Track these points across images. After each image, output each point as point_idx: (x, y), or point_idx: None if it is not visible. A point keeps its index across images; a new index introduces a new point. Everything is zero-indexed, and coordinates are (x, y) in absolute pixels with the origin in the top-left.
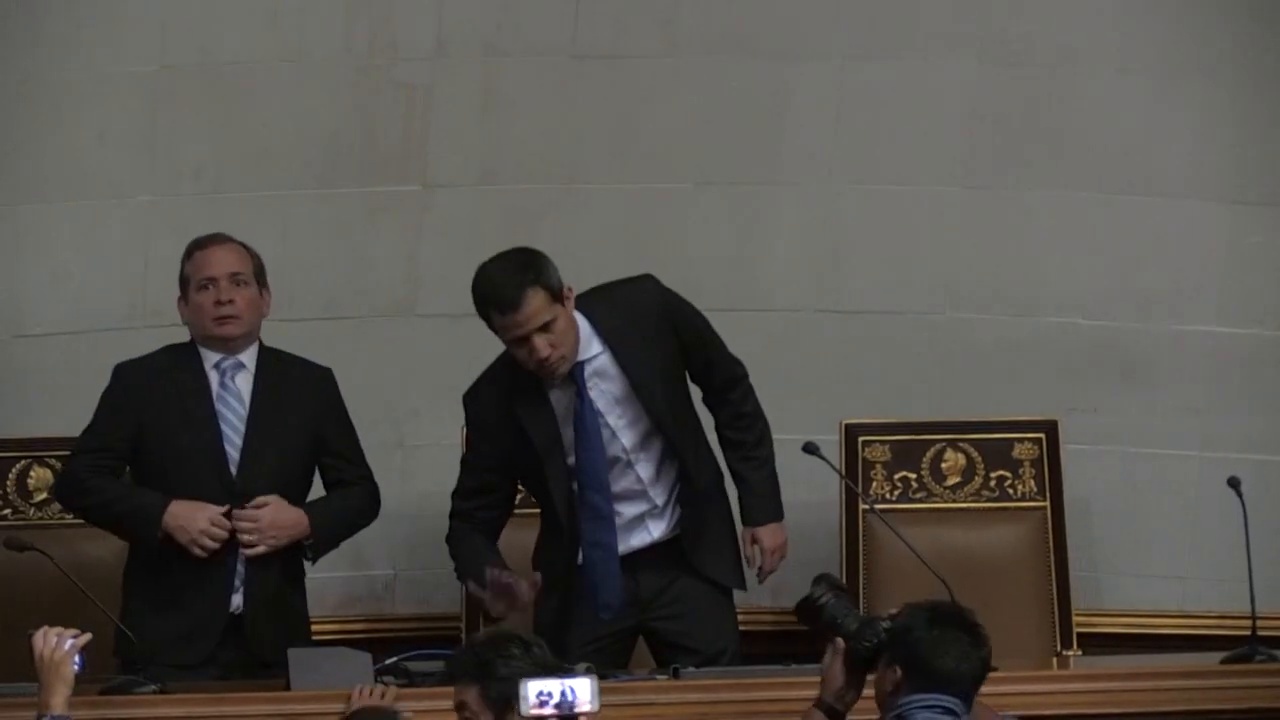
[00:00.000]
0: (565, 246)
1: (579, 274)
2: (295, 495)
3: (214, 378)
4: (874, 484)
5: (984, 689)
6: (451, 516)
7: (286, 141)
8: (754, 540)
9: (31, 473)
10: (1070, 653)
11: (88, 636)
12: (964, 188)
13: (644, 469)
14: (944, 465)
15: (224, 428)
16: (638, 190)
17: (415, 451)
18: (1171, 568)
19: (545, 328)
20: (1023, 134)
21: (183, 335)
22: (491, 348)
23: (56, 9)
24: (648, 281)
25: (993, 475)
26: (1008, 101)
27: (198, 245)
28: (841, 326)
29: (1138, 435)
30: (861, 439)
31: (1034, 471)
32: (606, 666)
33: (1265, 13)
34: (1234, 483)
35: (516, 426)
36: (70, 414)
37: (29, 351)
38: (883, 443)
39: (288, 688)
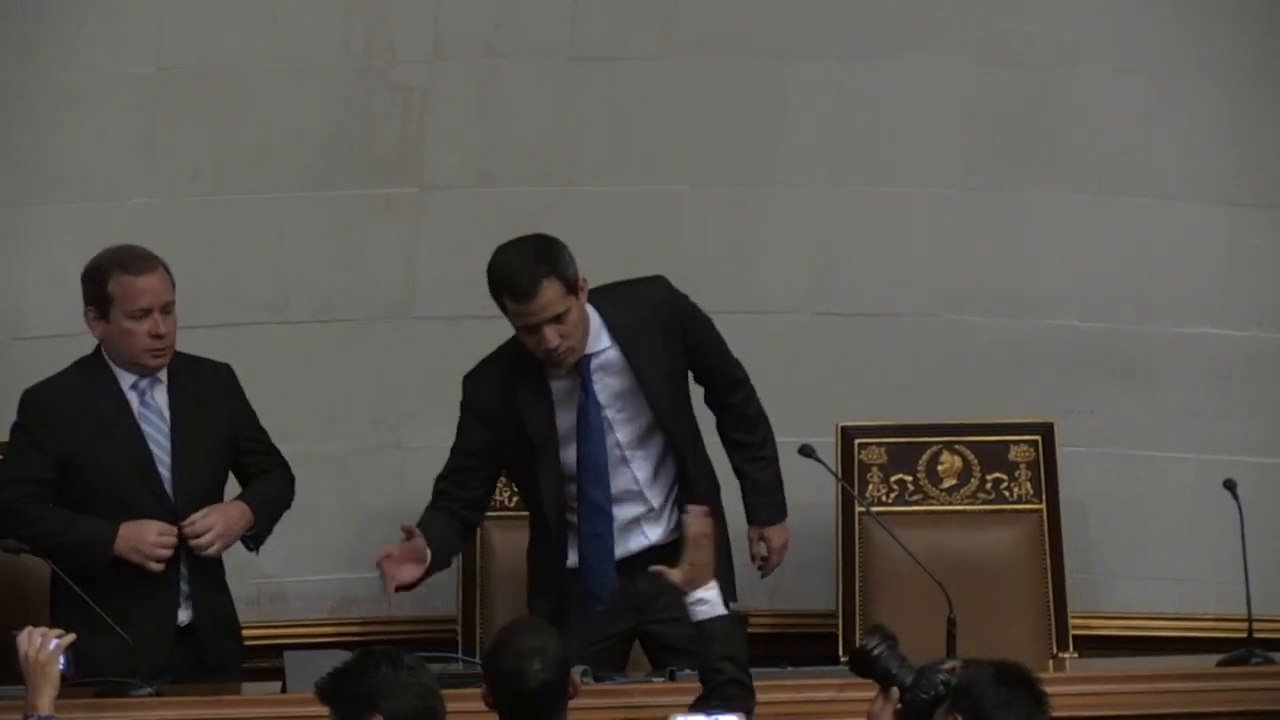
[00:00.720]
0: None
1: None
2: (221, 496)
3: (133, 398)
4: (870, 486)
5: None
6: (435, 484)
7: (284, 143)
8: (762, 538)
9: None
10: (1067, 655)
11: (71, 637)
12: (961, 190)
13: (640, 468)
14: (940, 468)
15: (151, 446)
16: (635, 192)
17: (412, 454)
18: (1168, 570)
19: (557, 319)
20: (1020, 136)
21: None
22: (489, 349)
23: (54, 10)
24: (660, 282)
25: (989, 478)
26: (1005, 103)
27: (123, 268)
28: (838, 329)
29: (1135, 437)
30: (858, 441)
31: (1030, 474)
32: (603, 669)
33: (1264, 13)
34: (1230, 485)
35: (514, 413)
36: None
37: (27, 353)
38: (879, 445)
39: (284, 690)
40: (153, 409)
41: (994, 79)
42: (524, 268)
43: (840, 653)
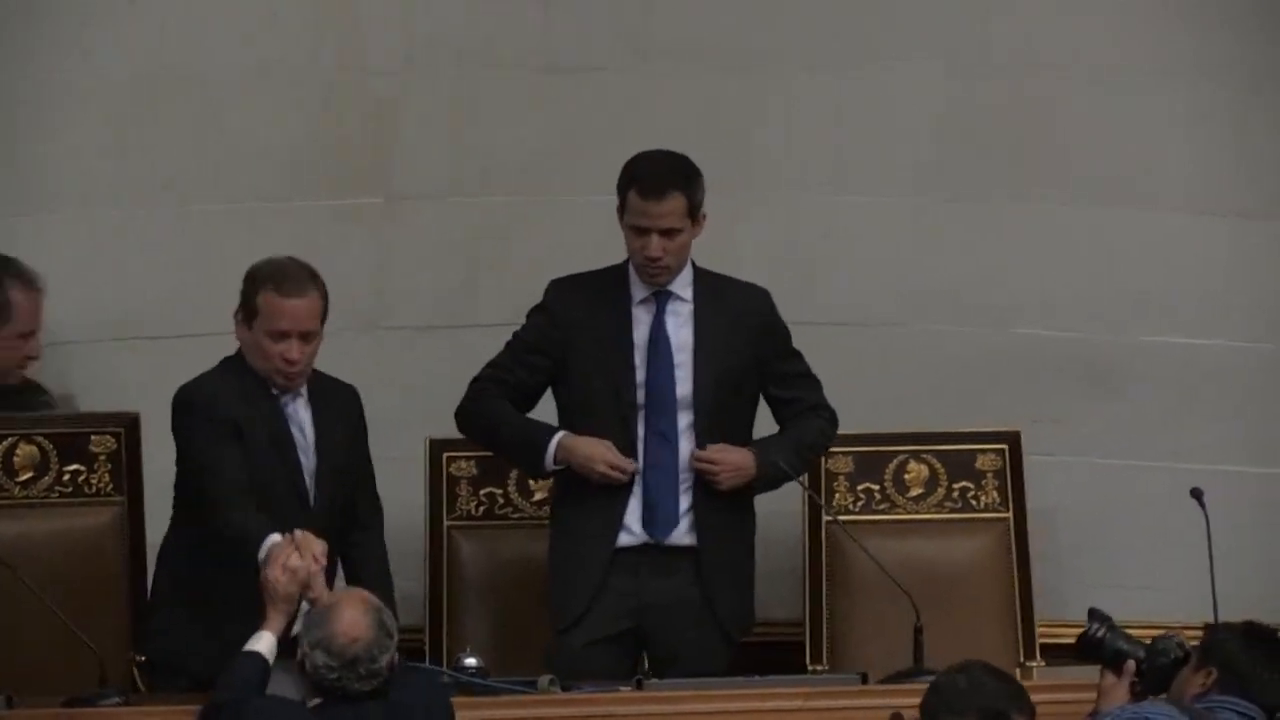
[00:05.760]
0: (534, 258)
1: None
2: (349, 514)
3: (281, 404)
4: (837, 495)
5: None
6: (476, 379)
7: (255, 153)
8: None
9: (18, 450)
10: (1033, 664)
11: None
12: (930, 199)
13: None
14: (907, 476)
15: (300, 456)
16: (607, 202)
17: (381, 465)
18: (1135, 578)
19: (669, 233)
20: (990, 145)
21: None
22: (460, 362)
23: (25, 22)
24: (764, 290)
25: (955, 486)
26: (975, 112)
27: (277, 286)
28: (808, 337)
29: (1103, 446)
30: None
31: (997, 483)
32: (606, 668)
33: (1242, 21)
34: (1196, 494)
35: (594, 324)
36: None
37: None
38: (846, 454)
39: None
40: (297, 422)
41: (964, 88)
42: (662, 171)
43: (807, 662)
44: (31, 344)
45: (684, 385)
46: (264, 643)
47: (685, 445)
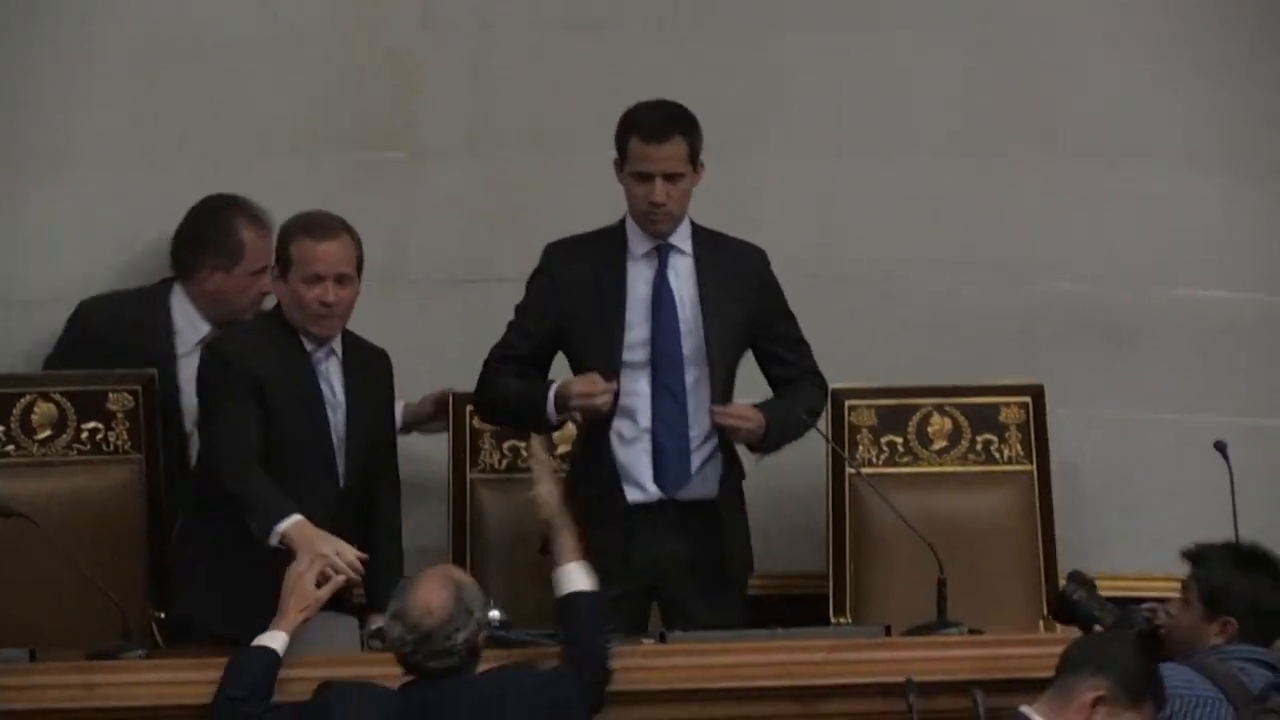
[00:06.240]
0: (554, 216)
1: None
2: (380, 478)
3: (314, 366)
4: (860, 448)
5: (973, 651)
6: (484, 364)
7: (274, 110)
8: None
9: (35, 408)
10: None
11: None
12: (953, 156)
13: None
14: (930, 429)
15: (329, 413)
16: None
17: None
18: (1157, 532)
19: (671, 178)
20: (1013, 102)
21: None
22: (480, 317)
23: None
24: (761, 249)
25: (979, 439)
26: (999, 70)
27: (307, 232)
28: (831, 292)
29: (1126, 399)
30: (848, 403)
31: (1020, 436)
32: (619, 622)
33: None
34: (1220, 446)
35: (595, 282)
36: None
37: (17, 319)
38: (869, 407)
39: None
40: (326, 380)
41: (988, 46)
42: (663, 114)
43: (830, 614)
44: (264, 280)
45: (690, 340)
46: (278, 640)
47: (693, 401)
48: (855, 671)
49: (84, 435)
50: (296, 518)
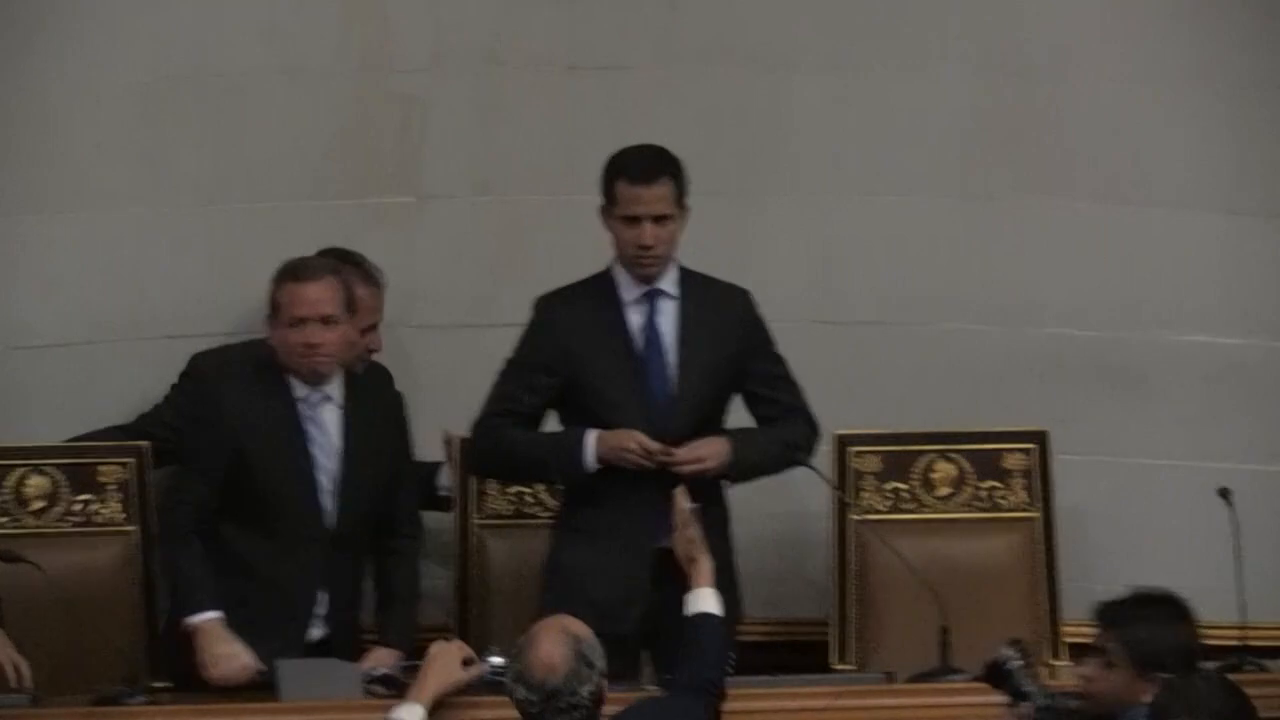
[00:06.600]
0: (561, 257)
1: None
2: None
3: (301, 408)
4: (865, 495)
5: (976, 698)
6: (482, 420)
7: (283, 152)
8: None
9: (28, 481)
10: (1060, 663)
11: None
12: (958, 199)
13: None
14: (935, 476)
15: (316, 454)
16: None
17: None
18: (1162, 578)
19: (659, 220)
20: (1018, 145)
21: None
22: (488, 360)
23: (53, 20)
24: (744, 290)
25: (983, 486)
26: (1003, 113)
27: (293, 275)
28: (835, 337)
29: (1130, 445)
30: (852, 449)
31: (1025, 482)
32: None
33: (1262, 22)
34: (1224, 493)
35: (592, 332)
36: (66, 427)
37: (25, 364)
38: (874, 453)
39: (277, 698)
40: (318, 426)
41: (992, 88)
42: (650, 157)
43: (833, 661)
44: (371, 338)
45: (676, 384)
46: (416, 714)
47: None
48: (858, 719)
49: (76, 507)
50: (209, 614)
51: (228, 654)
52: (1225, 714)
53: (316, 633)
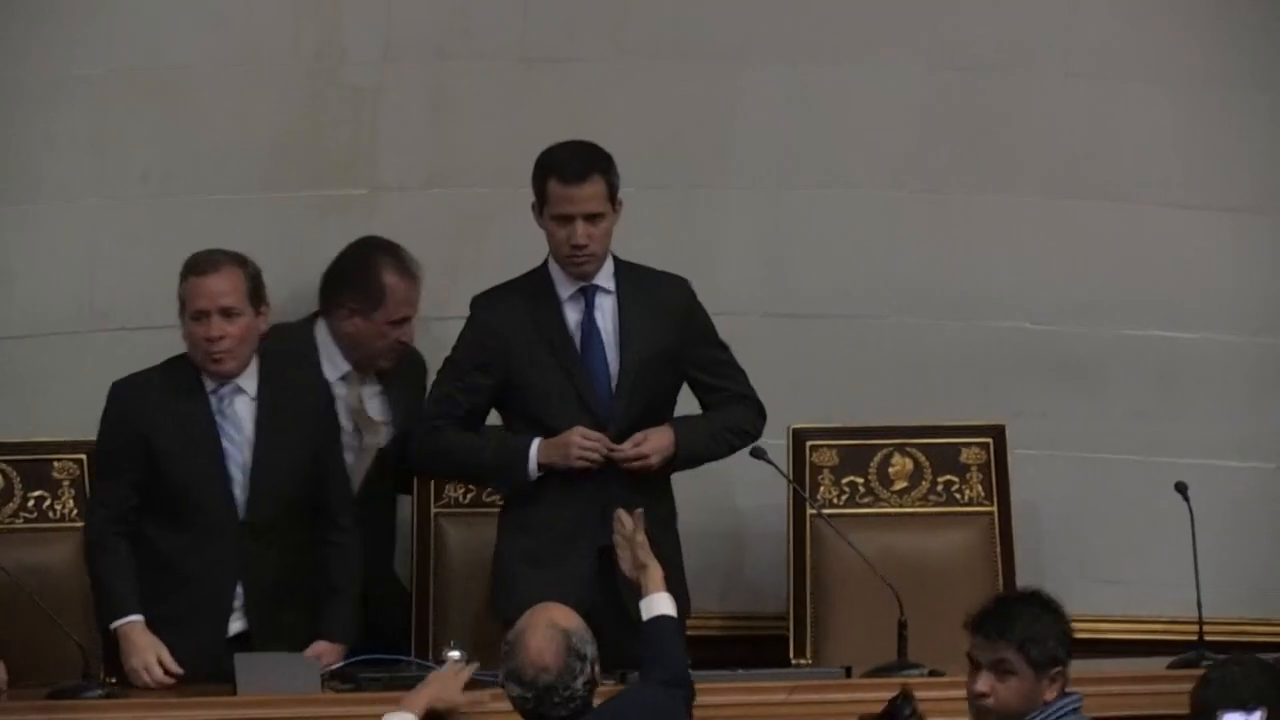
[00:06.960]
0: (514, 250)
1: None
2: (299, 513)
3: (213, 401)
4: (821, 489)
5: (934, 692)
6: (422, 421)
7: (234, 144)
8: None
9: None
10: None
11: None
12: (910, 192)
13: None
14: (891, 470)
15: (227, 447)
16: None
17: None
18: (1118, 573)
19: (592, 219)
20: (969, 139)
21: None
22: (440, 351)
23: (3, 13)
24: (684, 280)
25: (940, 480)
26: (954, 106)
27: (193, 269)
28: (790, 330)
29: (1085, 440)
30: (809, 443)
31: (981, 476)
32: None
33: (1212, 17)
34: (1181, 488)
35: (528, 330)
36: (17, 418)
37: None
38: (830, 447)
39: (234, 693)
40: (230, 419)
41: (943, 82)
42: (580, 155)
43: (791, 655)
44: (403, 330)
45: (616, 379)
46: None
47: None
48: (816, 713)
49: (30, 504)
50: (133, 618)
51: (141, 666)
52: (1267, 690)
53: (236, 625)
